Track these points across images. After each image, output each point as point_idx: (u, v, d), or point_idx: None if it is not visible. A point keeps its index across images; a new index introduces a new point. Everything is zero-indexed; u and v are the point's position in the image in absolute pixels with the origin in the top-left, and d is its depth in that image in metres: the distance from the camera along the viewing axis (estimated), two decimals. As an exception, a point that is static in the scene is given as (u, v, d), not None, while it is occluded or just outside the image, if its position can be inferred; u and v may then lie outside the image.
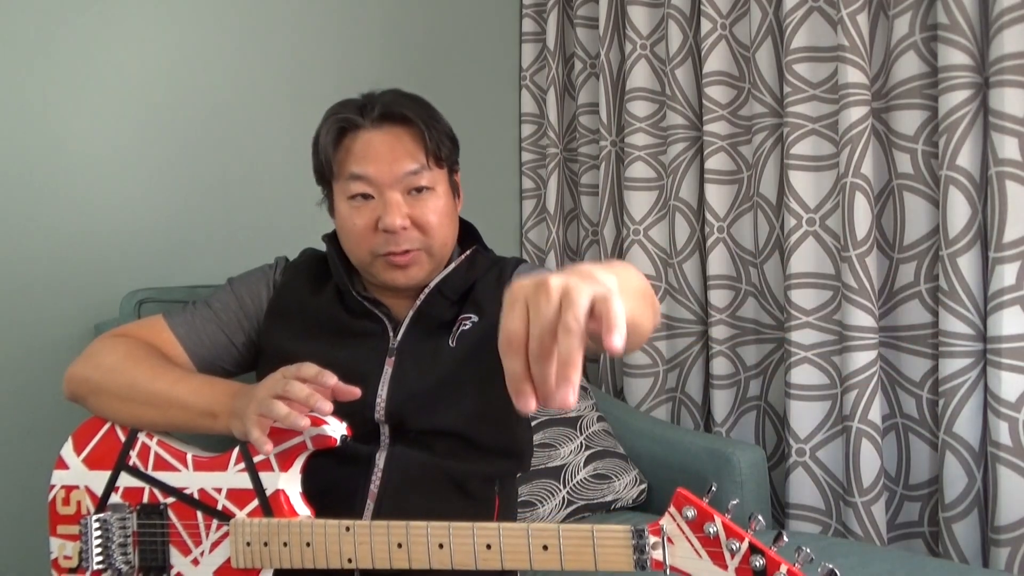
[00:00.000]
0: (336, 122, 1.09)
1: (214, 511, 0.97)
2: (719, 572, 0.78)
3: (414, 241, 1.08)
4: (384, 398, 1.07)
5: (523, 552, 0.84)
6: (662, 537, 0.80)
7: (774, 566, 0.77)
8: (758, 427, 1.76)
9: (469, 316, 1.12)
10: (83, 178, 1.49)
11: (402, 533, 0.88)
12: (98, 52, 1.50)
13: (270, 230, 1.71)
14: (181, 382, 1.02)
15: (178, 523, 0.98)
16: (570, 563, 0.83)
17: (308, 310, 1.14)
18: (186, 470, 0.99)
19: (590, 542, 0.83)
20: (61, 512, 1.03)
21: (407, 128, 1.09)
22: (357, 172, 1.07)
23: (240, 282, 1.19)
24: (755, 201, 1.71)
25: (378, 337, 1.11)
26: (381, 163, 1.07)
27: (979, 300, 1.40)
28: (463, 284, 1.15)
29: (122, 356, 1.06)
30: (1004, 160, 1.33)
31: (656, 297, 1.14)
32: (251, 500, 0.95)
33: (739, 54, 1.75)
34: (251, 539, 0.93)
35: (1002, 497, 1.34)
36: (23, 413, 1.44)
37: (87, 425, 1.06)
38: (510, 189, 2.15)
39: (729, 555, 0.78)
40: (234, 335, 1.16)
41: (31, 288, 1.44)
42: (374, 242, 1.08)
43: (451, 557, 0.86)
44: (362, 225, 1.08)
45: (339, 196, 1.10)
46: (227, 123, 1.66)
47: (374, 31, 1.87)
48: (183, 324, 1.14)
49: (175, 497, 0.98)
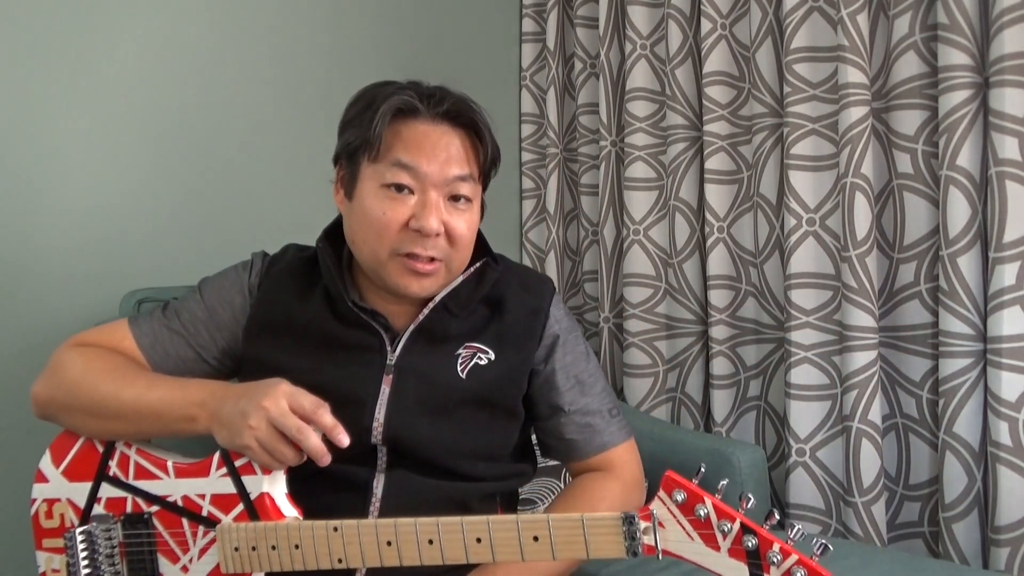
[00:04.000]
0: (398, 100, 1.00)
1: (199, 517, 0.95)
2: (712, 554, 0.78)
3: (440, 250, 1.01)
4: (381, 422, 1.00)
5: (514, 544, 0.84)
6: (653, 522, 0.79)
7: (767, 545, 0.76)
8: (758, 427, 1.76)
9: (485, 349, 1.05)
10: (83, 178, 1.49)
11: (391, 531, 0.87)
12: (97, 52, 1.50)
13: (270, 230, 1.70)
14: (151, 390, 0.97)
15: (164, 531, 0.96)
16: (562, 552, 0.83)
17: (295, 319, 1.05)
18: (168, 478, 0.97)
19: (580, 531, 0.82)
20: (45, 526, 1.02)
21: (467, 133, 1.03)
22: (405, 161, 0.98)
23: (211, 288, 1.11)
24: (755, 201, 1.71)
25: (374, 352, 1.03)
26: (434, 158, 0.99)
27: (979, 300, 1.39)
28: (471, 299, 1.07)
29: (82, 370, 1.01)
30: (1004, 160, 1.33)
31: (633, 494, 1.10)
32: (236, 505, 0.93)
33: (739, 54, 1.75)
34: (239, 544, 0.92)
35: (1002, 497, 1.34)
36: (23, 413, 1.44)
37: (63, 437, 1.04)
38: (510, 189, 2.15)
39: (721, 536, 0.77)
40: (204, 349, 1.08)
41: (31, 288, 1.44)
42: (399, 239, 0.99)
43: (442, 553, 0.86)
44: (392, 218, 0.98)
45: (369, 180, 1.00)
46: (227, 123, 1.65)
47: (374, 31, 1.86)
48: (148, 335, 1.07)
49: (159, 505, 0.97)
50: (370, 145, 0.99)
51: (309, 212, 1.78)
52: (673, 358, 1.87)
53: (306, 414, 0.89)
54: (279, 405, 0.88)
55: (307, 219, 1.72)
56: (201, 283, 1.13)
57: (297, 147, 1.74)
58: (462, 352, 1.04)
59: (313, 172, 1.75)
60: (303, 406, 0.89)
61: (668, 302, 1.86)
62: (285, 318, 1.06)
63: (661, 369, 1.86)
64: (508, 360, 1.05)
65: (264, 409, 0.88)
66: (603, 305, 1.96)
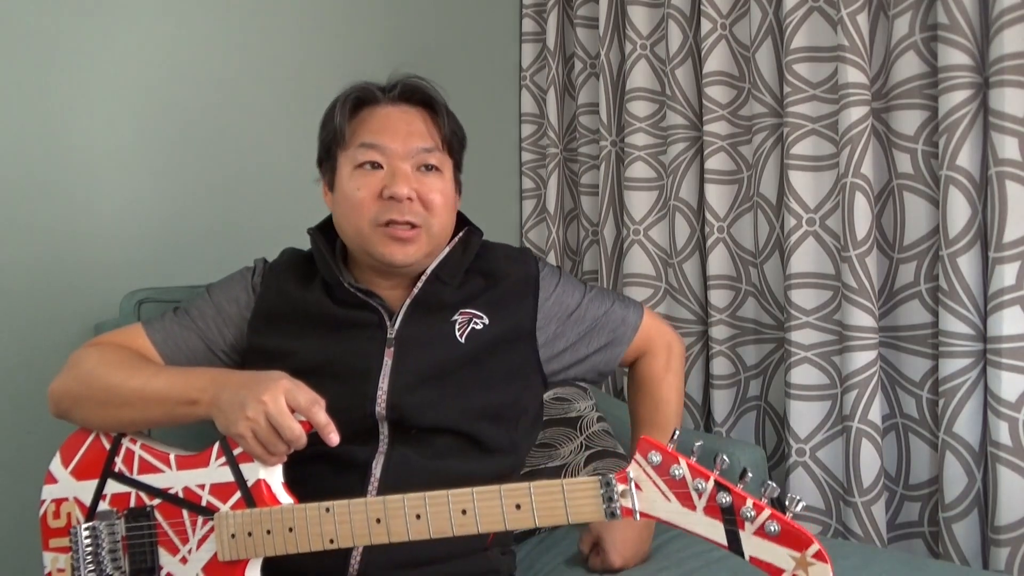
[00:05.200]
0: (355, 92, 1.11)
1: (198, 508, 0.97)
2: (688, 513, 0.80)
3: (417, 215, 1.07)
4: (385, 390, 1.05)
5: (497, 514, 0.86)
6: (630, 484, 0.81)
7: (741, 501, 0.79)
8: (758, 427, 1.76)
9: (480, 316, 1.11)
10: (83, 178, 1.49)
11: (380, 508, 0.89)
12: (97, 52, 1.50)
13: (270, 230, 1.70)
14: (156, 376, 1.02)
15: (164, 523, 0.98)
16: (544, 519, 0.85)
17: (297, 307, 1.12)
18: (170, 470, 0.99)
19: (561, 497, 0.84)
20: (52, 526, 1.03)
21: (425, 110, 1.12)
22: (369, 141, 1.08)
23: (218, 289, 1.18)
24: (755, 201, 1.71)
25: (375, 327, 1.09)
26: (396, 135, 1.08)
27: (979, 300, 1.39)
28: (459, 266, 1.14)
29: (95, 362, 1.06)
30: (1004, 160, 1.33)
31: None
32: (234, 493, 0.96)
33: (739, 54, 1.75)
34: (235, 531, 0.94)
35: (1002, 497, 1.34)
36: (23, 413, 1.44)
37: (73, 438, 1.06)
38: (510, 189, 2.15)
39: (696, 495, 0.80)
40: (213, 342, 1.14)
41: (31, 288, 1.44)
42: (375, 209, 1.07)
43: (429, 526, 0.88)
44: (366, 192, 1.07)
45: (344, 166, 1.10)
46: (227, 123, 1.65)
47: (374, 31, 1.86)
48: (160, 331, 1.13)
49: (161, 498, 0.99)
50: (339, 135, 1.09)
51: (310, 213, 1.79)
52: (673, 358, 1.87)
53: (301, 409, 0.91)
54: (278, 404, 0.90)
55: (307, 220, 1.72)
56: (208, 287, 1.19)
57: (297, 147, 1.74)
58: (458, 318, 1.10)
59: (310, 174, 1.75)
60: (299, 402, 0.91)
61: (668, 302, 1.86)
62: (287, 307, 1.12)
63: (661, 369, 1.86)
64: (503, 323, 1.12)
65: (263, 403, 0.90)
66: (603, 305, 1.96)
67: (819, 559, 0.77)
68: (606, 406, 1.76)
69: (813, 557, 0.77)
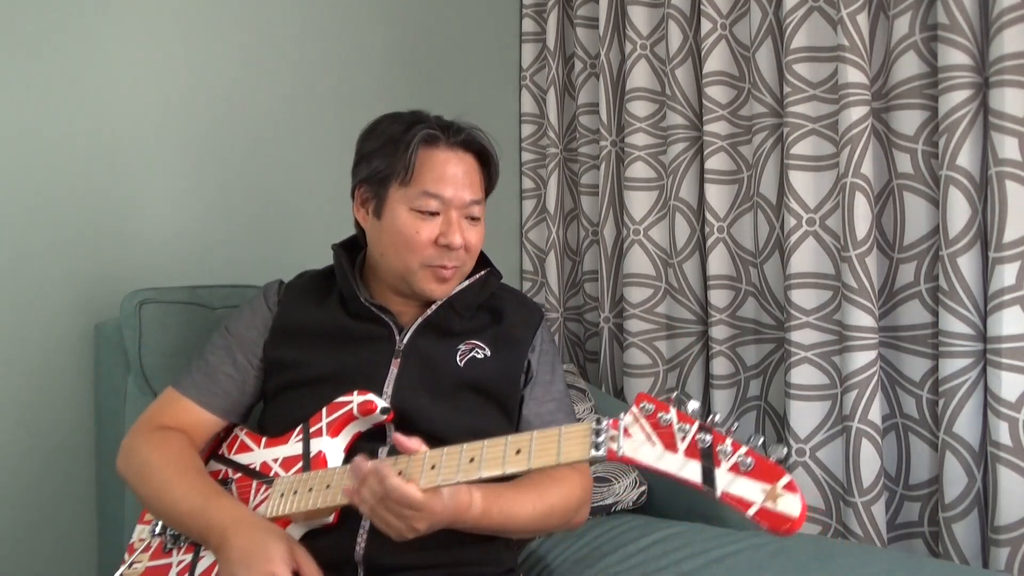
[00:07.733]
0: (425, 130, 1.17)
1: (266, 477, 1.11)
2: (668, 455, 0.83)
3: (459, 259, 1.18)
4: (390, 395, 1.13)
5: (499, 458, 0.91)
6: (619, 429, 0.85)
7: (720, 439, 0.81)
8: (758, 427, 1.76)
9: (483, 347, 1.19)
10: (83, 178, 1.49)
11: (404, 461, 0.95)
12: (104, 52, 1.49)
13: (271, 230, 1.71)
14: (184, 500, 1.07)
15: (235, 491, 1.12)
16: (537, 459, 0.89)
17: (312, 323, 1.20)
18: (258, 448, 1.15)
19: (556, 440, 0.88)
20: None
21: (477, 160, 1.21)
22: (434, 192, 1.15)
23: (234, 323, 1.24)
24: (755, 201, 1.71)
25: (385, 340, 1.18)
26: (457, 188, 1.17)
27: (979, 300, 1.40)
28: (474, 301, 1.23)
29: (141, 462, 1.13)
30: (1004, 160, 1.34)
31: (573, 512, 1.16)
32: (298, 463, 1.10)
33: (739, 54, 1.75)
34: (284, 490, 1.06)
35: (1002, 497, 1.34)
36: (23, 414, 1.44)
37: None
38: (510, 189, 2.15)
39: (680, 438, 0.83)
40: (244, 374, 1.21)
41: (31, 288, 1.44)
42: (429, 253, 1.16)
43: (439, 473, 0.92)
44: (426, 236, 1.16)
45: (400, 203, 1.16)
46: (228, 123, 1.65)
47: (375, 32, 1.86)
48: (193, 387, 1.19)
49: (242, 472, 1.14)
50: (403, 173, 1.16)
51: (310, 213, 1.79)
52: (673, 358, 1.87)
53: None
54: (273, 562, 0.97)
55: (308, 220, 1.73)
56: (225, 324, 1.26)
57: (298, 148, 1.74)
58: (462, 347, 1.19)
59: (311, 178, 1.76)
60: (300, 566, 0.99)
61: (668, 302, 1.87)
62: (304, 323, 1.21)
63: (661, 369, 1.87)
64: (502, 359, 1.20)
65: None
66: (603, 305, 1.97)
67: (789, 490, 0.77)
68: (606, 407, 1.76)
69: (784, 488, 0.78)
